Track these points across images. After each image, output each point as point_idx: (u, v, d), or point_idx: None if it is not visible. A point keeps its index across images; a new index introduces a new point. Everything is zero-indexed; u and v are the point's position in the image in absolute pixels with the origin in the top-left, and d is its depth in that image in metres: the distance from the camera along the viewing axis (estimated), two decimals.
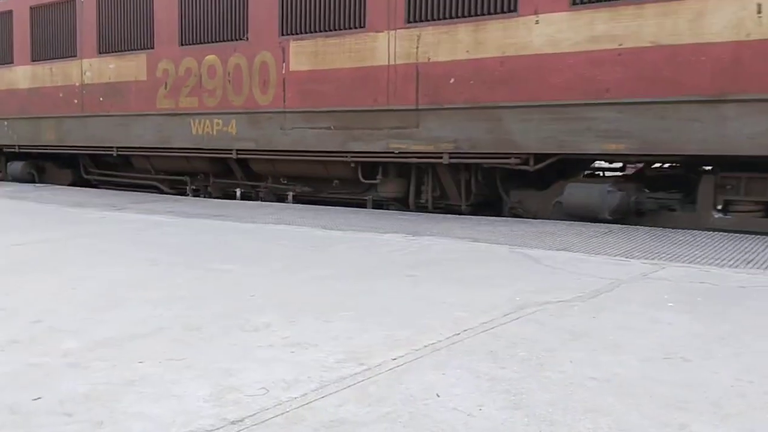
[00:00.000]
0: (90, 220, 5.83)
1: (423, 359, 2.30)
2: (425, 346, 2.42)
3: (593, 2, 5.35)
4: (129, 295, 3.12)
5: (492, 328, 2.63)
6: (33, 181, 10.51)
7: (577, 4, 5.41)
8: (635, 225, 5.44)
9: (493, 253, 4.11)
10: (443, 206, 6.70)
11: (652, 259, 3.85)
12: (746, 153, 4.87)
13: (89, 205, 6.87)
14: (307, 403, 1.92)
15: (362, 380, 2.10)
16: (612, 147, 5.37)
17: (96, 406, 1.91)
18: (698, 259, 3.84)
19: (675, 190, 5.57)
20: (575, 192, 5.69)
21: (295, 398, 1.95)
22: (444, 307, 2.93)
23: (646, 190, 5.68)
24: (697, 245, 4.29)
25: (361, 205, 7.19)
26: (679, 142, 5.08)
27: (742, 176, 5.19)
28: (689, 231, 4.74)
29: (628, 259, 3.84)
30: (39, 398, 1.96)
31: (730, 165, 5.15)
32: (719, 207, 5.27)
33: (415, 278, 3.43)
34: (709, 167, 5.41)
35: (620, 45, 5.24)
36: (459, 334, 2.56)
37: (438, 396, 1.97)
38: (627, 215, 5.58)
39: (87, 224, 5.59)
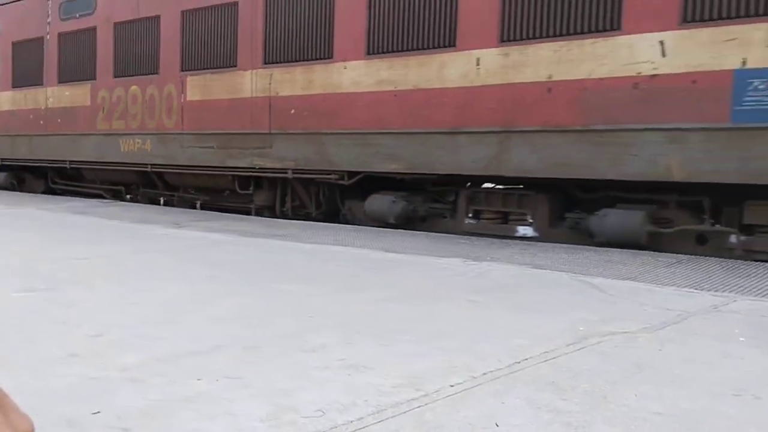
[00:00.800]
0: (152, 236, 5.90)
1: (482, 387, 2.24)
2: (484, 374, 2.36)
3: (378, 53, 6.77)
4: (189, 311, 3.12)
5: (553, 357, 2.57)
6: (14, 189, 12.36)
7: (369, 54, 6.83)
8: (418, 230, 6.80)
9: (555, 280, 3.99)
10: (302, 214, 8.15)
11: (722, 291, 3.67)
12: (470, 173, 6.22)
13: (152, 222, 6.95)
14: (363, 428, 1.89)
15: (419, 406, 2.06)
16: (392, 166, 6.74)
17: (152, 422, 1.91)
18: None
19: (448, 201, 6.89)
20: (373, 202, 7.07)
21: (351, 422, 1.92)
22: (504, 334, 2.86)
23: (423, 201, 7.02)
24: None
25: (246, 212, 8.69)
26: (432, 164, 6.44)
27: (483, 191, 6.52)
28: (761, 264, 4.52)
29: (696, 291, 3.67)
30: (98, 412, 1.97)
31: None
32: (470, 215, 6.60)
33: (475, 303, 3.37)
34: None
35: (395, 88, 6.64)
36: (519, 362, 2.50)
37: (497, 426, 1.92)
38: (409, 221, 6.93)
39: (149, 240, 5.68)
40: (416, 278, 4.11)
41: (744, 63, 4.79)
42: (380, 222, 6.99)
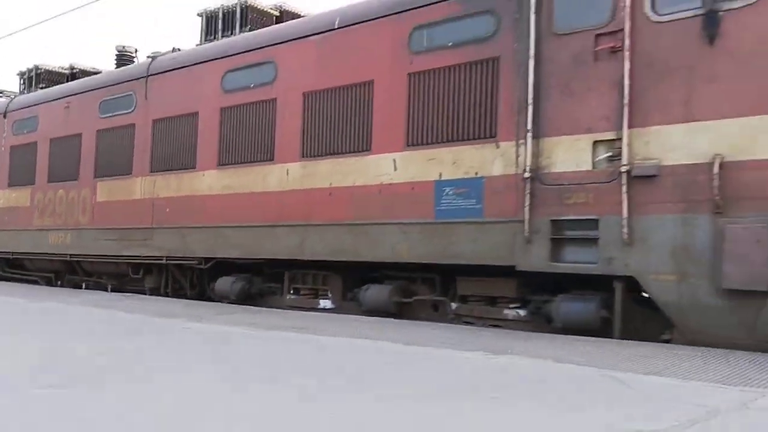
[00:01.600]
0: (174, 331, 5.87)
1: None
2: None
3: (225, 165, 8.66)
4: (206, 408, 3.12)
5: None
6: None
7: (219, 165, 8.73)
8: (255, 305, 8.43)
9: (580, 375, 3.88)
10: (183, 293, 9.83)
11: (752, 386, 3.57)
12: (284, 257, 7.93)
13: (174, 316, 6.96)
14: None
15: None
16: (234, 253, 8.50)
17: None
18: None
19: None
20: (219, 282, 8.78)
21: None
22: None
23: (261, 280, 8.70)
24: None
25: (143, 293, 10.37)
26: (260, 251, 8.18)
27: (300, 272, 8.22)
28: None
29: (725, 386, 3.57)
30: None
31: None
32: (291, 292, 8.27)
33: (498, 400, 3.30)
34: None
35: (235, 191, 8.48)
36: None
37: None
38: (248, 297, 8.59)
39: (171, 334, 5.65)
40: (437, 373, 4.01)
41: (440, 176, 6.59)
42: (226, 299, 8.66)
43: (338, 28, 7.60)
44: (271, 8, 10.02)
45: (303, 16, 9.67)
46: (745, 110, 4.97)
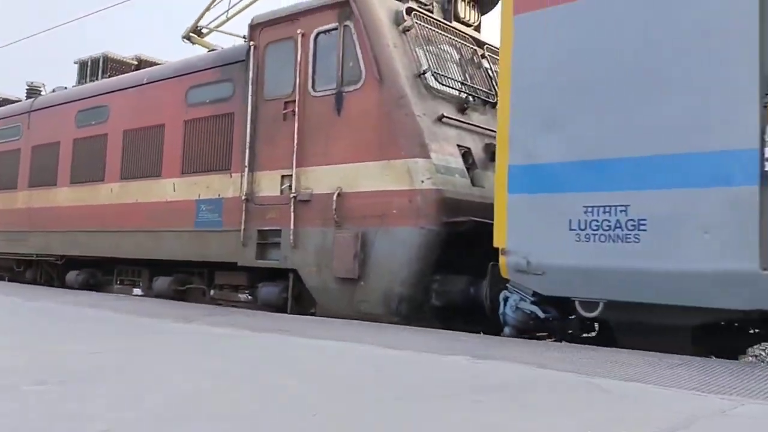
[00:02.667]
0: (163, 331, 5.93)
1: None
2: None
3: (74, 183, 11.11)
4: (194, 408, 3.14)
5: None
6: None
7: (71, 183, 11.18)
8: (97, 291, 10.84)
9: (561, 381, 3.92)
10: (52, 284, 12.24)
11: (730, 394, 3.60)
12: (107, 255, 10.36)
13: (162, 316, 7.02)
14: None
15: None
16: (77, 251, 10.94)
17: None
18: None
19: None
20: (69, 275, 11.24)
21: None
22: None
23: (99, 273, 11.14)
24: None
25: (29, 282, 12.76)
26: (92, 249, 10.60)
27: (128, 267, 10.65)
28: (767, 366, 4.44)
29: (704, 394, 3.60)
30: None
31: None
32: (118, 282, 10.72)
33: (481, 404, 3.33)
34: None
35: (79, 204, 10.94)
36: None
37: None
38: (90, 287, 11.02)
39: (160, 335, 5.69)
40: (420, 377, 4.02)
41: (199, 196, 9.06)
42: (72, 287, 11.11)
43: (146, 83, 10.10)
44: (131, 58, 12.52)
45: (160, 63, 12.16)
46: (353, 159, 7.46)
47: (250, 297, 8.81)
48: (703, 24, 5.11)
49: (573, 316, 6.05)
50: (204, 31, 11.58)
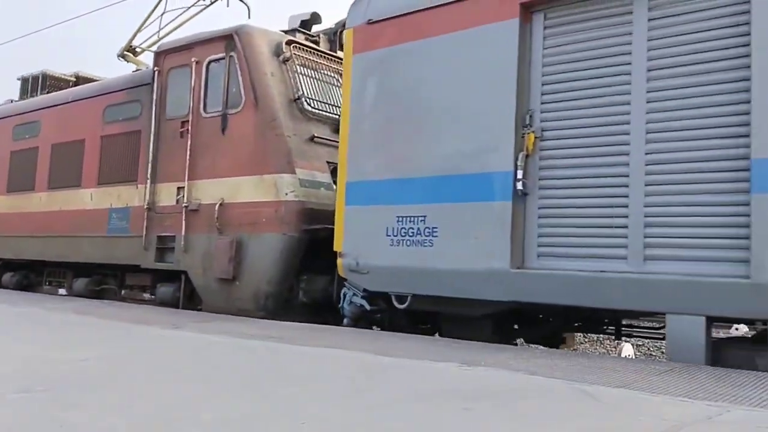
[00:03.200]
0: (150, 338, 5.91)
1: None
2: None
3: (10, 192, 12.11)
4: (184, 416, 3.10)
5: None
6: None
7: (7, 192, 12.17)
8: (31, 292, 11.81)
9: (551, 388, 3.94)
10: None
11: (716, 400, 3.62)
12: (35, 258, 11.35)
13: (150, 323, 6.98)
14: None
15: None
16: (9, 254, 11.92)
17: None
18: (764, 402, 3.62)
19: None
20: (4, 276, 12.21)
21: None
22: None
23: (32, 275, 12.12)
24: (762, 387, 4.09)
25: None
26: (22, 253, 11.59)
27: (56, 269, 11.64)
28: (753, 372, 4.63)
29: (690, 400, 3.61)
30: None
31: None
32: (47, 283, 11.70)
33: (471, 412, 3.31)
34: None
35: (13, 211, 11.91)
36: None
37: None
38: (23, 288, 11.99)
39: (148, 341, 5.66)
40: (410, 384, 4.01)
41: (111, 205, 10.09)
42: (8, 287, 12.08)
43: (71, 101, 11.14)
44: (70, 75, 13.54)
45: (97, 80, 13.19)
46: (234, 173, 8.52)
47: (152, 296, 9.83)
48: (480, 71, 6.22)
49: (392, 307, 7.11)
50: (138, 50, 12.61)
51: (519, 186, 5.88)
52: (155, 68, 9.63)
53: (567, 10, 5.92)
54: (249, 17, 12.10)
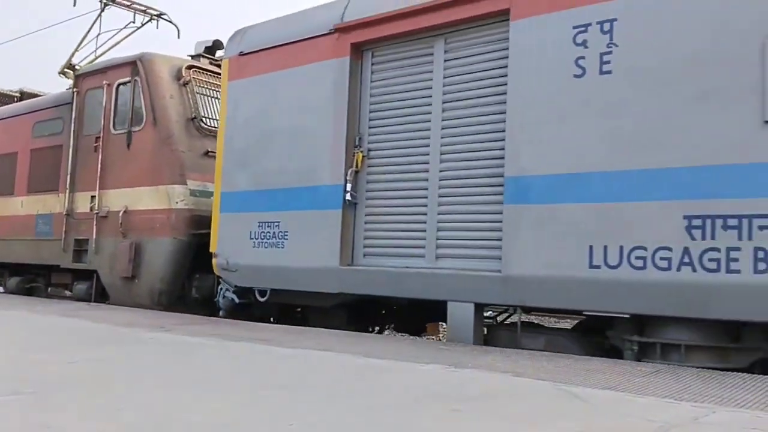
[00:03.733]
0: (139, 341, 5.85)
1: None
2: None
3: None
4: (171, 419, 3.08)
5: None
6: None
7: None
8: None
9: (537, 389, 3.94)
10: None
11: (702, 402, 3.64)
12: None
13: (139, 326, 6.95)
14: None
15: None
16: None
17: None
18: (749, 404, 3.63)
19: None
20: None
21: None
22: None
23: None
24: (747, 388, 4.09)
25: None
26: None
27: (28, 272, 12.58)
28: (738, 374, 4.68)
29: (676, 402, 3.62)
30: None
31: None
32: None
33: (459, 413, 3.31)
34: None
35: None
36: None
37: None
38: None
39: (136, 344, 5.63)
40: (399, 386, 4.02)
41: (38, 211, 11.13)
42: None
43: (7, 117, 12.19)
44: (15, 91, 14.58)
45: (42, 95, 14.22)
46: (136, 184, 9.60)
47: (70, 293, 10.88)
48: (319, 100, 7.36)
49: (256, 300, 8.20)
50: (77, 68, 13.65)
51: (348, 197, 7.01)
52: (75, 89, 10.72)
53: (389, 49, 7.08)
54: (179, 37, 13.13)
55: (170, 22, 13.87)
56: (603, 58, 5.47)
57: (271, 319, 8.86)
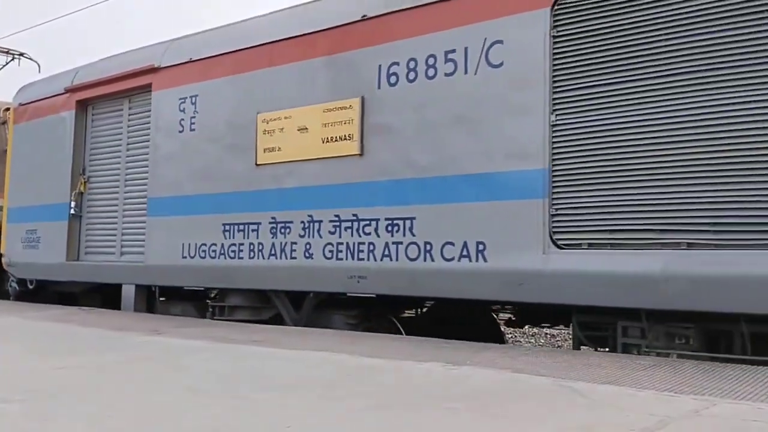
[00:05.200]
0: (131, 345, 5.74)
1: None
2: None
3: None
4: (165, 425, 3.04)
5: None
6: None
7: None
8: None
9: (536, 385, 3.89)
10: None
11: (702, 394, 3.58)
12: None
13: (131, 330, 6.80)
14: None
15: None
16: None
17: None
18: (749, 396, 3.56)
19: None
20: None
21: None
22: None
23: None
24: (747, 381, 4.00)
25: None
26: None
27: None
28: (739, 366, 4.60)
29: (677, 395, 3.56)
30: None
31: None
32: None
33: (456, 411, 3.28)
34: None
35: None
36: None
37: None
38: None
39: (128, 349, 5.53)
40: (397, 385, 4.00)
41: None
42: None
43: None
44: None
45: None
46: None
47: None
48: (57, 141, 10.18)
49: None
50: None
51: (72, 211, 9.85)
52: None
53: (101, 105, 9.90)
54: (39, 71, 15.88)
55: (31, 59, 16.72)
56: (191, 120, 8.33)
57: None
